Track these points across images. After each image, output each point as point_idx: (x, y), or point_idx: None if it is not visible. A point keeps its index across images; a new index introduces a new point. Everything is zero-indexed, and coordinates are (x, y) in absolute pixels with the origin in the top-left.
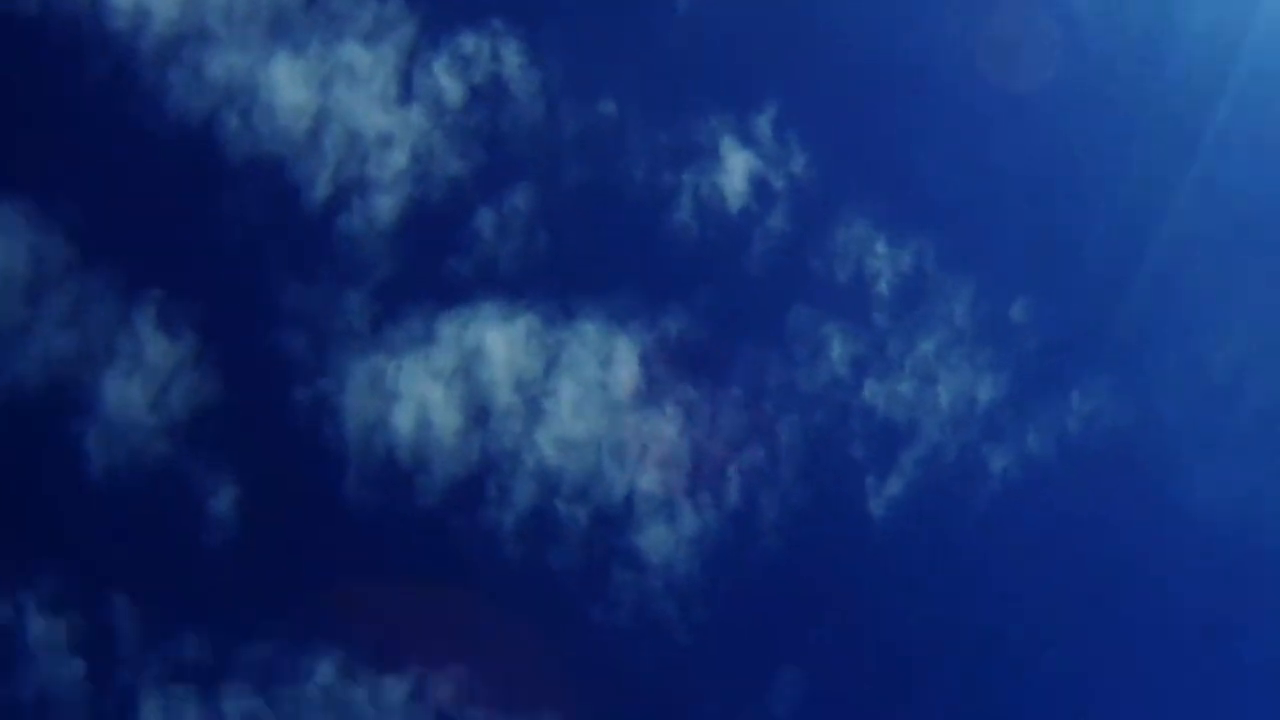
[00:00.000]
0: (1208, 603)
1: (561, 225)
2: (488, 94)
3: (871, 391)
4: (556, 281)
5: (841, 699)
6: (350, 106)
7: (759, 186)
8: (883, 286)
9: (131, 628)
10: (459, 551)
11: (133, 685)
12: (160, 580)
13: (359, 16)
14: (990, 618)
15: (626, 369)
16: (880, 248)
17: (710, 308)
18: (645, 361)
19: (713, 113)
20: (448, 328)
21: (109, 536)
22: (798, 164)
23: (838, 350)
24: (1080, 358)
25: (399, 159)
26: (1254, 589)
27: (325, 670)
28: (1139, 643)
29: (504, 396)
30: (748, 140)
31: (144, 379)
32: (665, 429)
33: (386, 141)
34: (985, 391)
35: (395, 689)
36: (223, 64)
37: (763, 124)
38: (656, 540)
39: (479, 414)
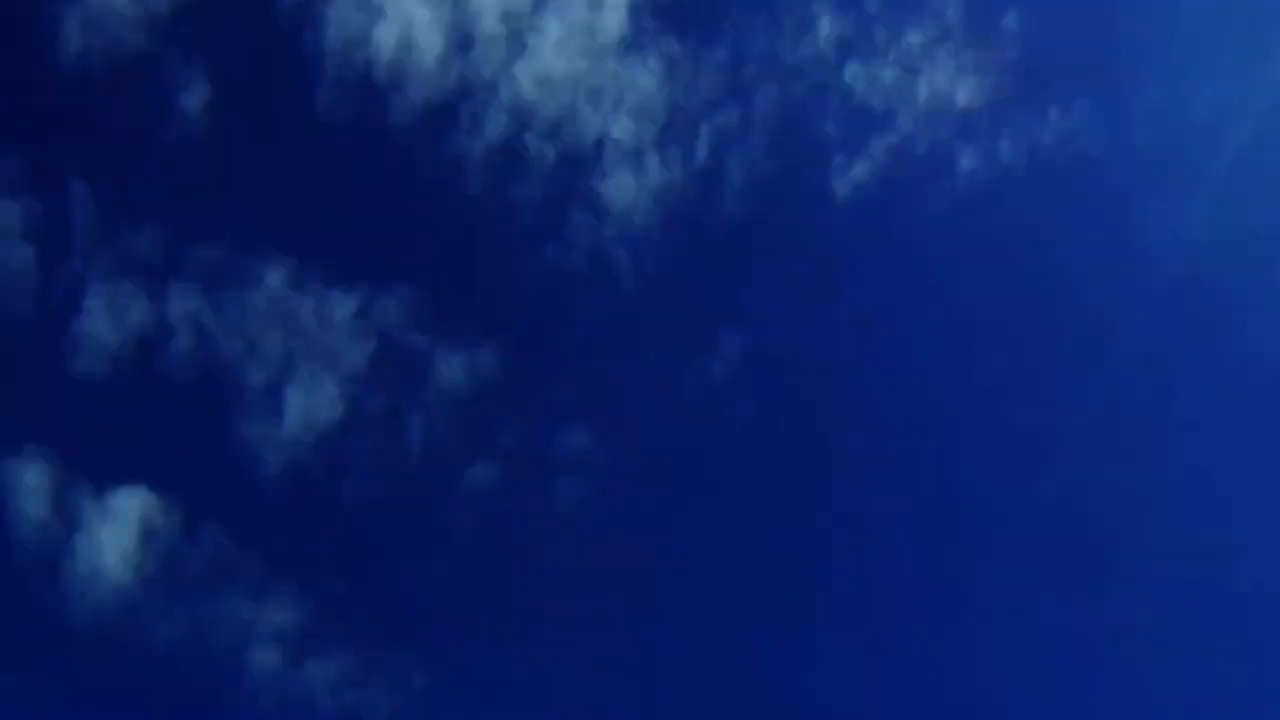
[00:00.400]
0: (1144, 334)
1: None
2: None
3: (853, 74)
4: None
5: (777, 364)
6: None
7: None
8: None
9: (86, 217)
10: (424, 175)
11: (81, 276)
12: (121, 171)
13: None
14: (928, 310)
15: (615, 15)
16: None
17: None
18: (634, 10)
19: None
20: None
21: (75, 122)
22: None
23: (826, 28)
24: (1064, 77)
25: None
26: (1195, 334)
27: (274, 278)
28: (1056, 357)
29: (489, 25)
30: None
31: None
32: (644, 79)
33: None
34: (965, 92)
35: (342, 304)
36: None
37: None
38: (620, 187)
39: (462, 40)
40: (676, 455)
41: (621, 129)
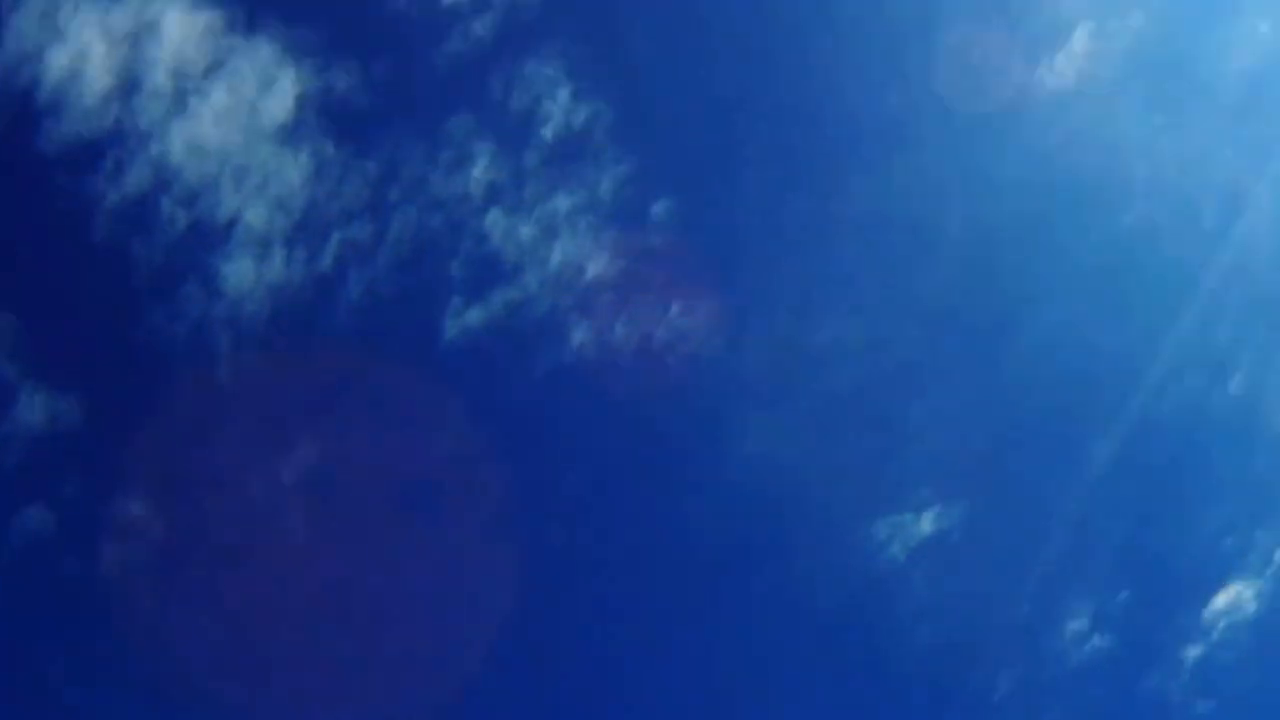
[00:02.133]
0: None
1: None
2: None
3: (494, 221)
4: None
5: (343, 476)
6: None
7: None
8: (548, 132)
9: None
10: (54, 207)
11: None
12: None
13: None
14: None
15: (280, 101)
16: (563, 95)
17: (381, 76)
18: (300, 102)
19: None
20: None
21: None
22: None
23: (480, 170)
24: (697, 275)
25: None
26: None
27: None
28: None
29: (159, 78)
30: None
31: None
32: (290, 172)
33: None
34: (595, 268)
35: None
36: None
37: None
38: (240, 272)
39: (129, 85)
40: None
41: (256, 215)
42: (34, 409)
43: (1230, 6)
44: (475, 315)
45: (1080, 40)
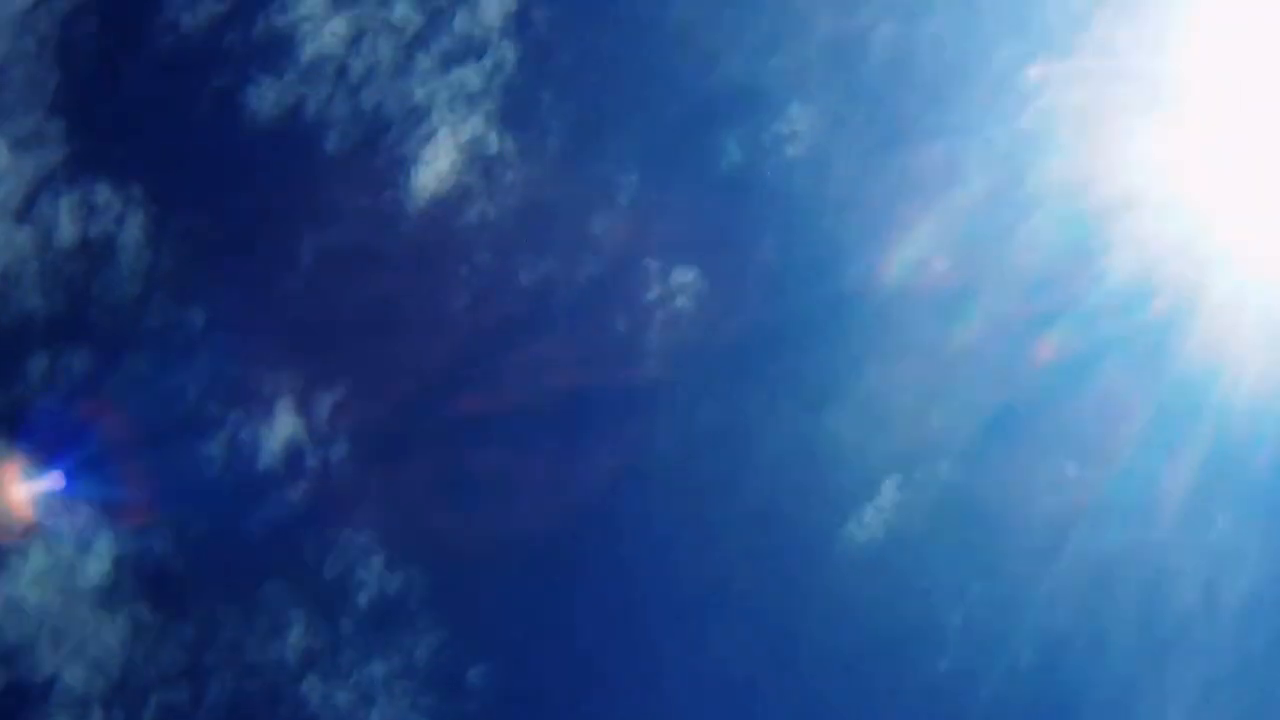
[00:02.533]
0: None
1: (106, 411)
2: (96, 250)
3: (311, 686)
4: (81, 451)
5: None
6: None
7: (293, 455)
8: (363, 599)
9: None
10: None
11: None
12: None
13: (18, 121)
14: None
15: (98, 566)
16: (376, 563)
17: (197, 541)
18: (118, 565)
19: (279, 367)
20: None
21: None
22: (340, 451)
23: (296, 635)
24: None
25: None
26: None
27: None
28: None
29: None
30: (304, 407)
31: None
32: (109, 633)
33: None
34: None
35: None
36: None
37: (325, 403)
38: None
39: None
40: None
41: (74, 676)
42: None
43: (1042, 448)
44: None
45: (889, 492)
